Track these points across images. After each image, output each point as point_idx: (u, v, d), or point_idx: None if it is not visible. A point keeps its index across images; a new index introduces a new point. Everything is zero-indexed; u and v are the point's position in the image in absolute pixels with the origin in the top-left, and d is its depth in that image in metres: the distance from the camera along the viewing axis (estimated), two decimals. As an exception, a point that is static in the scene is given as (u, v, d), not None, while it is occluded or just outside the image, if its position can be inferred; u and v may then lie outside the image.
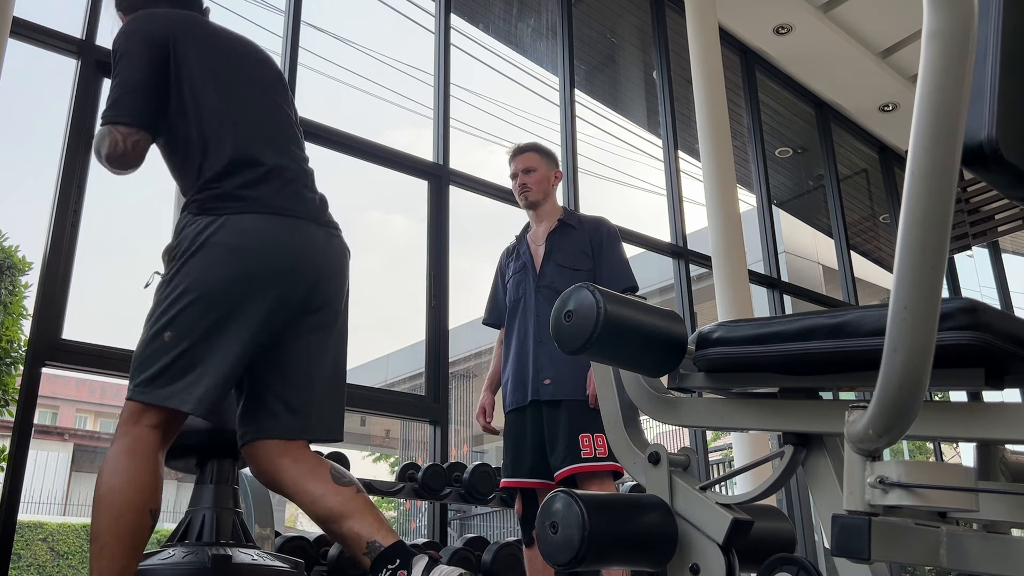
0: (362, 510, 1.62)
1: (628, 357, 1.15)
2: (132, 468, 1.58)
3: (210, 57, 1.80)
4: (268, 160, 1.74)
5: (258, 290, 1.64)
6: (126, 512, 1.54)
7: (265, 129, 1.80)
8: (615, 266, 2.76)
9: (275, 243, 1.67)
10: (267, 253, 1.66)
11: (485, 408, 2.85)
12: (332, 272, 1.76)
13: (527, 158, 2.90)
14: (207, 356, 1.62)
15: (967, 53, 0.67)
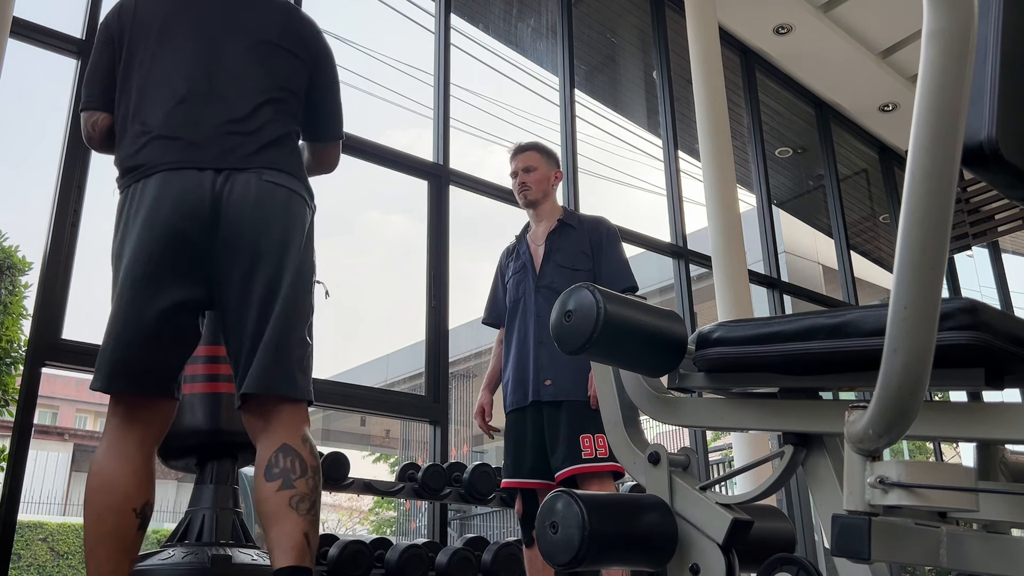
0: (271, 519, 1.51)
1: (628, 357, 1.15)
2: (111, 467, 1.54)
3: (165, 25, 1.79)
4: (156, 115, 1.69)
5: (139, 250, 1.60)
6: (104, 514, 1.51)
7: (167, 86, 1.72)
8: (614, 266, 2.76)
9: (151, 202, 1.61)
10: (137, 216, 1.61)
11: (484, 408, 2.84)
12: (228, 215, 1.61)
13: (527, 157, 2.89)
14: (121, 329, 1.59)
15: (967, 53, 0.67)
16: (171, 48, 1.76)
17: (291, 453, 1.54)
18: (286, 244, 1.64)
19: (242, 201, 1.61)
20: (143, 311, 1.57)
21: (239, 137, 1.67)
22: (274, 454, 1.53)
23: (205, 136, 1.66)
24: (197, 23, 1.79)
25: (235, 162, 1.64)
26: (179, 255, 1.59)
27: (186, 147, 1.64)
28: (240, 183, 1.62)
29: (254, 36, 1.80)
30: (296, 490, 1.52)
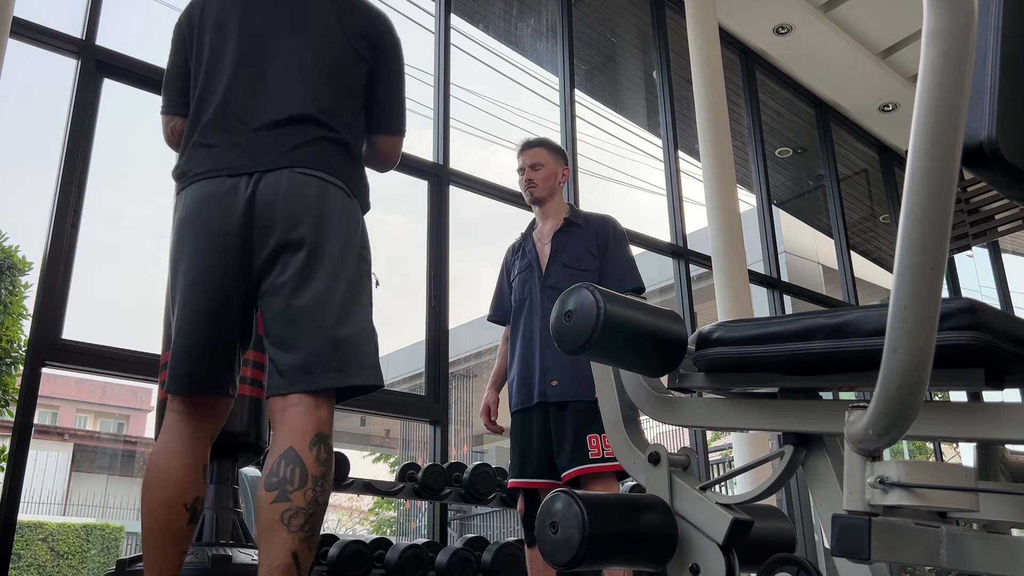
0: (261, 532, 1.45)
1: (628, 357, 1.15)
2: (166, 463, 1.58)
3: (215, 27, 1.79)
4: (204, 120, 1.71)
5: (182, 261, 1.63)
6: (157, 508, 1.56)
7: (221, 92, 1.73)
8: (621, 266, 2.74)
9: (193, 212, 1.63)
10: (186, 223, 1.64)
11: (489, 406, 2.83)
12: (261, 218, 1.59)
13: (535, 153, 2.87)
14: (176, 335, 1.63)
15: (967, 53, 0.67)
16: (225, 49, 1.75)
17: (293, 460, 1.46)
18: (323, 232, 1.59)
19: (272, 197, 1.59)
20: (195, 315, 1.60)
21: (275, 139, 1.65)
22: (277, 460, 1.46)
23: (244, 141, 1.65)
24: (253, 21, 1.77)
25: (267, 163, 1.62)
26: (221, 259, 1.60)
27: (222, 154, 1.65)
28: (270, 181, 1.61)
29: (313, 32, 1.76)
30: (291, 503, 1.43)
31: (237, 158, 1.63)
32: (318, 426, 1.51)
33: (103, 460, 14.08)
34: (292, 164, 1.62)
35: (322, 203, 1.61)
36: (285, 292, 1.57)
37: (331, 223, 1.61)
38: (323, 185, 1.63)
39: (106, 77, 3.63)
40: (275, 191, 1.59)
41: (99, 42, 3.64)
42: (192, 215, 1.62)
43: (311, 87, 1.71)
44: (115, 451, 14.58)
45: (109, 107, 3.60)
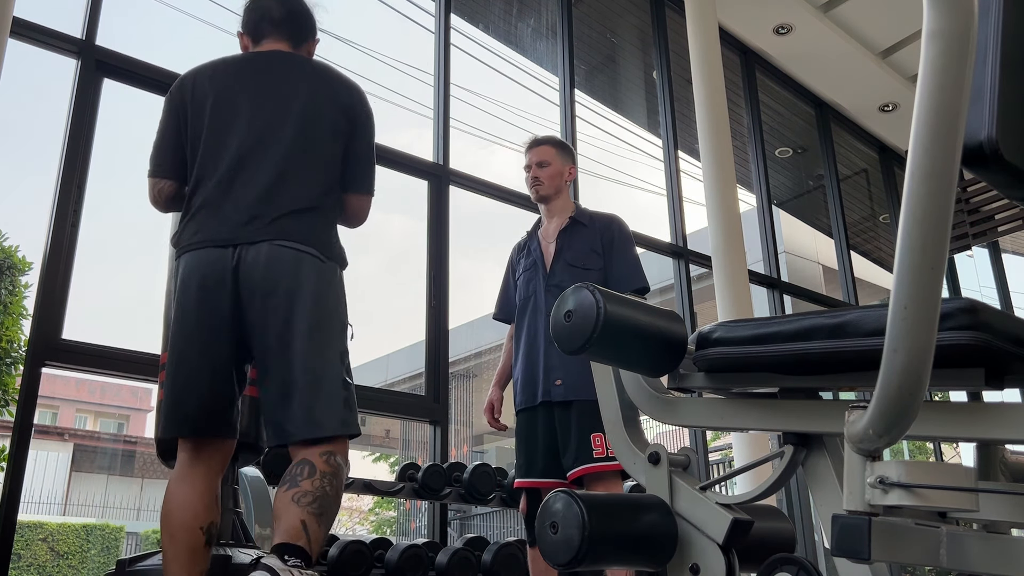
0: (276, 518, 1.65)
1: (628, 357, 1.15)
2: (181, 492, 1.79)
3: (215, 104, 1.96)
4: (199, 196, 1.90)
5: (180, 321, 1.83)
6: (178, 532, 1.75)
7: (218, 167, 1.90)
8: (625, 265, 2.72)
9: (186, 277, 1.83)
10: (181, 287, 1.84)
11: (493, 404, 2.82)
12: (254, 284, 1.79)
13: (541, 151, 2.86)
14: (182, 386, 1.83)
15: (967, 53, 0.67)
16: (218, 126, 1.93)
17: (306, 464, 1.69)
18: (294, 297, 1.79)
19: (253, 267, 1.80)
20: (190, 370, 1.80)
21: (258, 212, 1.84)
22: (293, 468, 1.70)
23: (231, 215, 1.84)
24: (243, 99, 1.95)
25: (250, 236, 1.82)
26: (210, 320, 1.80)
27: (215, 226, 1.84)
28: (251, 253, 1.81)
29: (298, 112, 1.94)
30: (300, 488, 1.64)
31: (226, 231, 1.83)
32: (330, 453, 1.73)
33: (103, 460, 14.08)
34: (271, 237, 1.82)
35: (297, 271, 1.81)
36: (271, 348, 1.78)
37: (304, 286, 1.80)
38: (295, 255, 1.82)
39: (106, 77, 3.63)
40: (254, 263, 1.80)
41: (99, 42, 3.64)
42: (187, 279, 1.83)
43: (293, 162, 1.91)
44: (115, 451, 14.58)
45: (109, 107, 3.60)
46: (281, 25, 2.09)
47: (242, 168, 1.88)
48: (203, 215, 1.86)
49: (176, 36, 5.86)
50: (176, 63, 3.83)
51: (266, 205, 1.84)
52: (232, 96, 1.96)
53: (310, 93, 1.97)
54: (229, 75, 2.00)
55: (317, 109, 1.96)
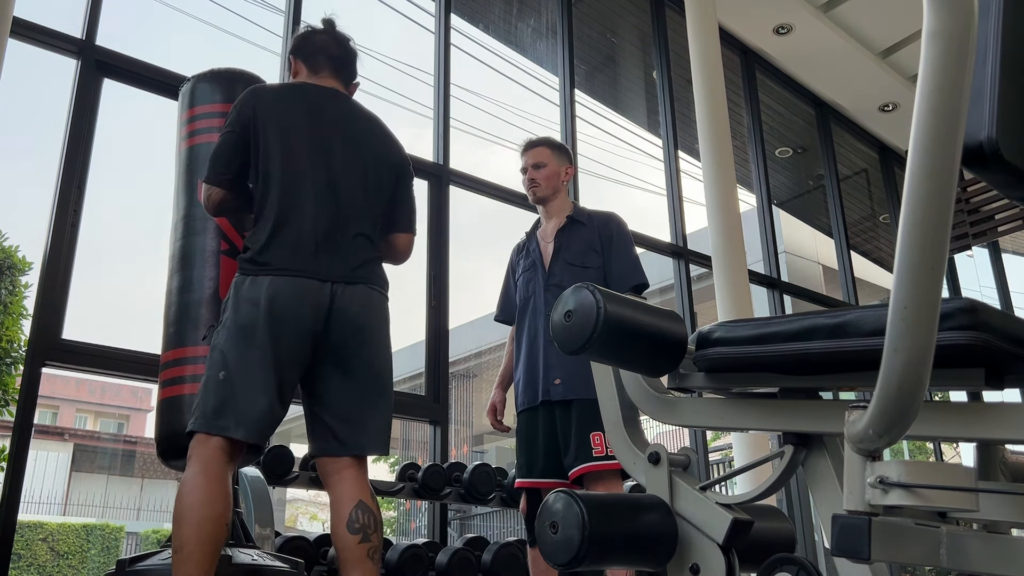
0: (353, 565, 1.89)
1: (628, 357, 1.15)
2: (206, 486, 1.84)
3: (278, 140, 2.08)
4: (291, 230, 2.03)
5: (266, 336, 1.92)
6: (205, 523, 1.80)
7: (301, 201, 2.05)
8: (624, 263, 2.72)
9: (267, 299, 1.94)
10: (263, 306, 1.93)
11: (496, 406, 2.82)
12: (338, 320, 1.99)
13: (537, 153, 2.86)
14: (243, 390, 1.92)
15: (967, 53, 0.67)
16: (296, 154, 2.07)
17: (367, 510, 1.95)
18: (381, 334, 2.09)
19: (349, 303, 2.01)
20: (260, 380, 1.91)
21: (350, 255, 2.06)
22: (354, 510, 1.93)
23: (326, 251, 2.02)
24: (322, 136, 2.11)
25: (347, 277, 2.03)
26: (294, 342, 1.95)
27: (312, 260, 2.00)
28: (348, 293, 2.02)
29: (365, 160, 2.16)
30: (372, 543, 1.93)
31: (324, 268, 2.00)
32: (367, 474, 2.03)
33: (103, 460, 14.08)
34: (363, 280, 2.06)
35: (381, 311, 2.09)
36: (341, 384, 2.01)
37: (384, 327, 2.10)
38: (380, 297, 2.10)
39: (106, 77, 3.63)
40: (351, 300, 2.02)
41: (99, 42, 3.64)
42: (280, 300, 1.94)
43: (366, 211, 2.13)
44: (115, 451, 14.58)
45: (109, 107, 3.60)
46: (337, 63, 2.25)
47: (328, 207, 2.06)
48: (292, 244, 2.00)
49: (176, 36, 5.86)
50: (176, 63, 3.83)
51: (353, 249, 2.07)
52: (309, 129, 2.10)
53: (378, 145, 2.21)
54: (302, 105, 2.13)
55: (382, 161, 2.20)
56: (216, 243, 2.27)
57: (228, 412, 1.89)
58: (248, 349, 1.92)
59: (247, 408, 1.89)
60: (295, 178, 2.05)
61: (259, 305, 1.93)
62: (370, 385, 2.04)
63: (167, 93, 3.67)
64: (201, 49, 6.83)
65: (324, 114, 2.15)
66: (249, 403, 1.90)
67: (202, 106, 2.41)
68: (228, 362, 1.93)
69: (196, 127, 2.38)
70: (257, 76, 2.48)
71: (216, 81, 2.45)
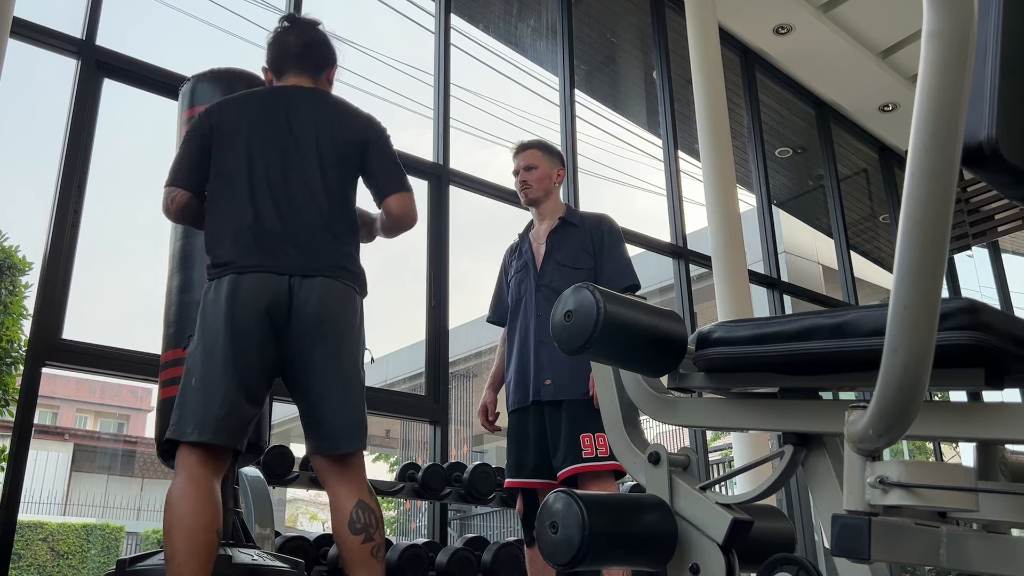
0: (358, 564, 1.91)
1: (628, 357, 1.15)
2: (194, 496, 1.83)
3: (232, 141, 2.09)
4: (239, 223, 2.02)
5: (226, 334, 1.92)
6: (197, 533, 1.79)
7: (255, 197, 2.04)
8: (616, 264, 2.73)
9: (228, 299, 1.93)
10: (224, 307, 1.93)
11: (487, 407, 2.83)
12: (295, 307, 1.97)
13: (528, 155, 2.87)
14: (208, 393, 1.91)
15: (967, 53, 0.67)
16: (249, 158, 2.06)
17: (367, 509, 1.96)
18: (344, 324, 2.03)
19: (307, 298, 1.98)
20: (230, 382, 1.90)
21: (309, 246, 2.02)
22: (354, 510, 1.94)
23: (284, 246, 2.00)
24: (271, 134, 2.10)
25: (304, 269, 2.00)
26: (258, 340, 1.93)
27: (270, 256, 1.98)
28: (307, 285, 1.99)
29: (320, 146, 2.10)
30: (375, 541, 1.94)
31: (283, 261, 1.98)
32: (365, 472, 2.04)
33: (103, 460, 14.08)
34: (323, 272, 2.01)
35: (344, 302, 2.04)
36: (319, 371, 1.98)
37: (347, 319, 2.04)
38: (342, 287, 2.04)
39: (106, 77, 3.63)
40: (310, 292, 1.98)
41: (99, 42, 3.64)
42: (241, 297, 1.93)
43: (330, 198, 2.08)
44: (115, 451, 14.58)
45: (109, 107, 3.60)
46: (300, 59, 2.22)
47: (281, 201, 2.03)
48: (251, 242, 1.99)
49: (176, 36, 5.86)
50: (176, 63, 3.83)
51: (313, 240, 2.04)
52: (261, 130, 2.09)
53: (333, 126, 2.13)
54: (255, 109, 2.13)
55: (340, 141, 2.13)
56: (216, 243, 2.26)
57: (190, 417, 1.89)
58: (212, 351, 1.92)
59: (207, 411, 1.89)
60: (246, 177, 2.05)
61: (221, 305, 1.94)
62: (337, 378, 2.00)
63: (167, 93, 3.67)
64: (201, 49, 6.83)
65: (275, 111, 2.13)
66: (210, 405, 1.89)
67: (202, 106, 2.41)
68: (195, 368, 1.93)
69: (196, 127, 2.38)
70: (256, 76, 2.48)
71: (216, 81, 2.45)
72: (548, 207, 2.86)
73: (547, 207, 2.86)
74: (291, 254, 2.00)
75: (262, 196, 2.03)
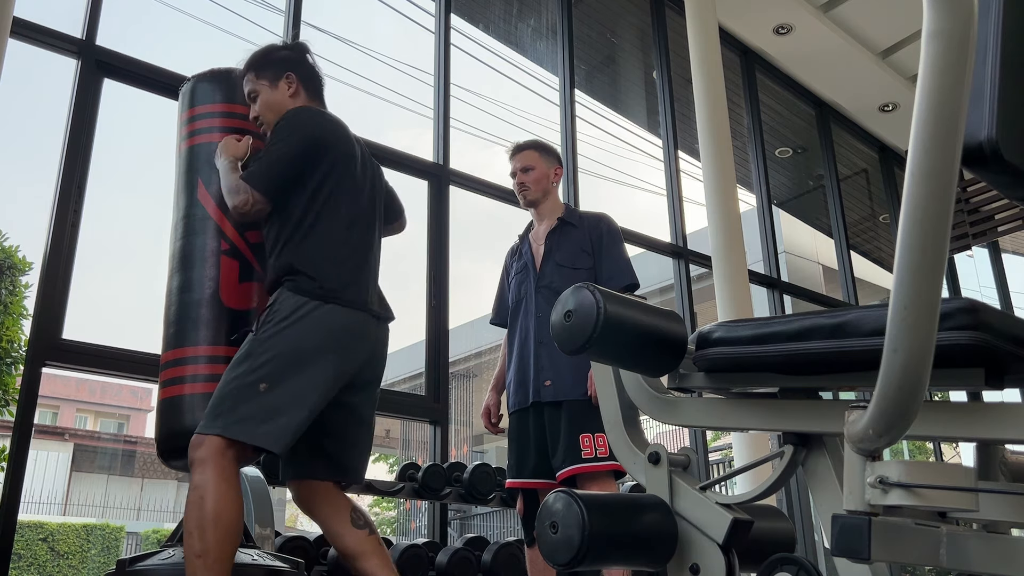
0: (370, 553, 1.98)
1: (628, 357, 1.15)
2: (231, 496, 1.86)
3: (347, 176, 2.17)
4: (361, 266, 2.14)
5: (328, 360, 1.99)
6: (232, 534, 1.83)
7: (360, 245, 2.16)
8: (615, 263, 2.73)
9: (342, 329, 2.02)
10: (335, 335, 2.01)
11: (489, 408, 2.83)
12: (378, 357, 2.13)
13: (525, 156, 2.87)
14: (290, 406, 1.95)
15: (967, 53, 0.67)
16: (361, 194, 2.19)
17: (361, 511, 2.07)
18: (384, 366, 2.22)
19: (382, 342, 2.16)
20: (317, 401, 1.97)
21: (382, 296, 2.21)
22: (351, 513, 2.05)
23: (373, 289, 2.16)
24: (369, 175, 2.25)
25: (385, 315, 2.17)
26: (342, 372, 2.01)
27: (367, 295, 2.11)
28: (385, 331, 2.17)
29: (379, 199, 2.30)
30: (378, 535, 2.05)
31: (375, 305, 2.13)
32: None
33: (103, 460, 14.08)
34: (390, 319, 2.19)
35: (386, 356, 2.21)
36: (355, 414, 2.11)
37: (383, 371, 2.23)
38: (388, 339, 2.20)
39: (106, 77, 3.63)
40: (385, 339, 2.17)
41: (99, 42, 3.64)
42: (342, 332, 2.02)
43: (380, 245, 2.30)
44: (115, 451, 14.58)
45: (109, 107, 3.60)
46: (322, 91, 2.32)
47: (374, 247, 2.22)
48: (361, 279, 2.11)
49: (176, 36, 5.86)
50: (176, 63, 3.83)
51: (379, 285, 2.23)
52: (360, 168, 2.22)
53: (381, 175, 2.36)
54: (344, 137, 2.21)
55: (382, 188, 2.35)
56: (216, 243, 2.26)
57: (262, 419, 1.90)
58: (307, 370, 1.96)
59: (291, 421, 1.92)
60: (356, 211, 2.16)
61: (333, 330, 2.00)
62: (371, 417, 2.17)
63: (167, 93, 3.67)
64: (201, 49, 6.83)
65: (363, 154, 2.26)
66: (295, 417, 1.93)
67: (202, 106, 2.40)
68: (276, 374, 1.93)
69: (196, 127, 2.38)
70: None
71: (216, 81, 2.45)
72: (547, 207, 2.86)
73: (546, 207, 2.86)
74: (378, 300, 2.17)
75: (367, 236, 2.18)
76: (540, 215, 2.88)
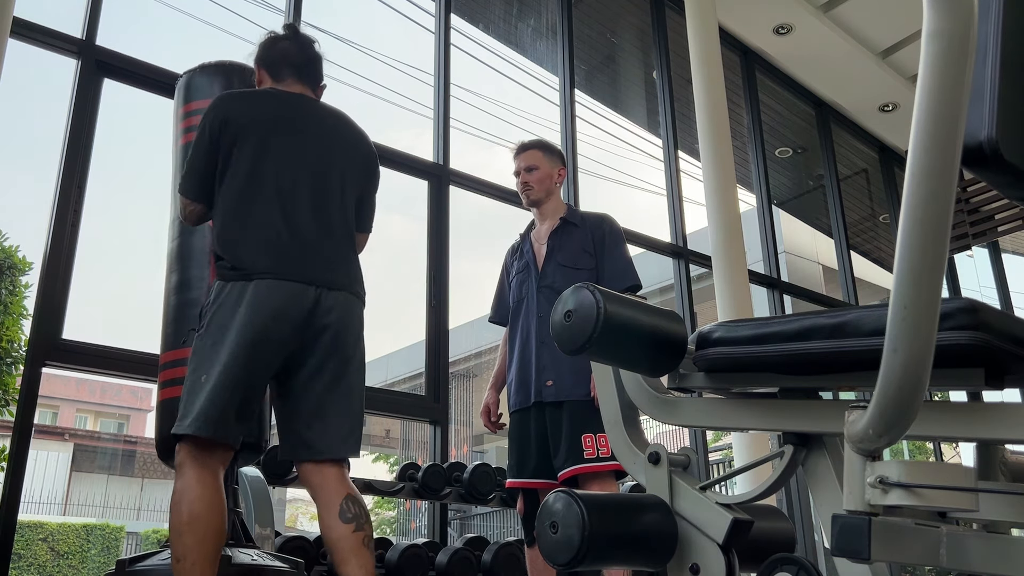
0: (349, 553, 1.90)
1: (628, 357, 1.15)
2: (206, 497, 1.84)
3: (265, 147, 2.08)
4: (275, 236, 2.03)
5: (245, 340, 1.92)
6: (210, 535, 1.81)
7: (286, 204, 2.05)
8: (616, 264, 2.73)
9: (257, 300, 1.94)
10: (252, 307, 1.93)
11: (489, 407, 2.83)
12: (321, 325, 2.00)
13: (529, 156, 2.86)
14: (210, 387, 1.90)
15: (967, 53, 0.67)
16: (281, 163, 2.06)
17: (356, 502, 1.97)
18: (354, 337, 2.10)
19: (330, 310, 2.02)
20: (240, 383, 1.90)
21: (333, 259, 2.07)
22: (344, 502, 1.95)
23: (309, 256, 2.03)
24: (302, 141, 2.12)
25: (330, 282, 2.04)
26: (275, 347, 1.95)
27: (295, 264, 2.00)
28: (331, 298, 2.03)
29: (338, 160, 2.15)
30: (365, 532, 1.95)
31: (308, 272, 2.00)
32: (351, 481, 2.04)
33: (103, 460, 14.08)
34: (345, 287, 2.07)
35: (357, 316, 2.11)
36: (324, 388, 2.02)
37: (359, 332, 2.13)
38: (357, 302, 2.12)
39: (106, 77, 3.63)
40: (332, 306, 2.03)
41: (99, 42, 3.64)
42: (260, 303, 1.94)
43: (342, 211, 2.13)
44: (115, 451, 14.58)
45: (109, 107, 3.60)
46: (301, 69, 2.23)
47: (310, 213, 2.06)
48: (281, 250, 2.01)
49: (176, 36, 5.86)
50: (176, 63, 3.83)
51: (338, 253, 2.10)
52: (288, 134, 2.10)
53: (350, 142, 2.20)
54: (270, 110, 2.12)
55: (355, 157, 2.19)
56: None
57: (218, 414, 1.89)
58: (230, 351, 1.91)
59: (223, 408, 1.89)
60: (274, 183, 2.04)
61: (245, 308, 1.93)
62: (342, 387, 2.05)
63: (167, 93, 3.67)
64: (201, 49, 6.83)
65: (295, 117, 2.14)
66: (222, 403, 1.89)
67: (199, 101, 2.40)
68: (205, 364, 1.92)
69: (193, 122, 2.38)
70: (252, 69, 2.48)
71: (212, 75, 2.44)
72: (549, 207, 2.86)
73: (548, 207, 2.86)
74: (319, 265, 2.03)
75: (292, 205, 2.04)
76: (542, 215, 2.87)
